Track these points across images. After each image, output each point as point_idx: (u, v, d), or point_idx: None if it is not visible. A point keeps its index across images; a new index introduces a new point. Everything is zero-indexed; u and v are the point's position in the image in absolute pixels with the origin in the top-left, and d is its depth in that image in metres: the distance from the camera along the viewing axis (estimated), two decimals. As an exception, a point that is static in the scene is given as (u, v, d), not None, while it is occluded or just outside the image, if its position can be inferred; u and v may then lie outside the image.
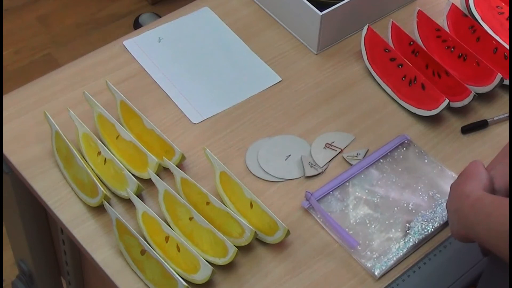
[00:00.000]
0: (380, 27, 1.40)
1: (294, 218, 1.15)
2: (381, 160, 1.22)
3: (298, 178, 1.20)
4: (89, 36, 2.56)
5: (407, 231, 1.13)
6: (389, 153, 1.23)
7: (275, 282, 1.08)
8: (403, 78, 1.30)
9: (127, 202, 1.14)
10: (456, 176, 1.13)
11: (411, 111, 1.29)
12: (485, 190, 0.96)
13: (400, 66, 1.31)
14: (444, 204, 1.15)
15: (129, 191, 1.11)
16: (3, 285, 1.94)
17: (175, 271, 1.05)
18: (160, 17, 1.50)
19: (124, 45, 1.36)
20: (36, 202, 1.19)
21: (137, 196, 1.11)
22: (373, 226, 1.14)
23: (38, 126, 1.23)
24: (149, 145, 1.18)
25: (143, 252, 1.06)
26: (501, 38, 1.37)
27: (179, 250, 1.07)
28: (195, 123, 1.26)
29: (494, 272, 1.01)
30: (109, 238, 1.10)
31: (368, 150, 1.24)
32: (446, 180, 1.19)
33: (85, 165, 1.14)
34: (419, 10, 1.39)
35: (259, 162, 1.21)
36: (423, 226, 1.14)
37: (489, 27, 1.39)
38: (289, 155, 1.22)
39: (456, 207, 0.97)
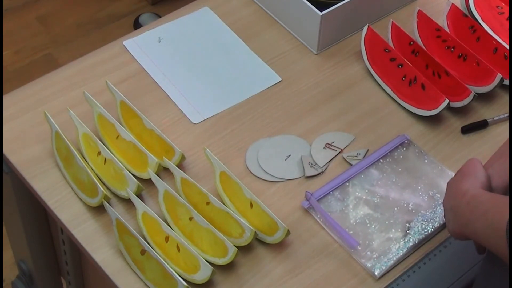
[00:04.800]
0: (380, 27, 1.40)
1: (294, 218, 1.15)
2: (381, 160, 1.22)
3: (298, 178, 1.20)
4: (89, 36, 2.56)
5: (407, 231, 1.13)
6: (389, 153, 1.23)
7: (275, 282, 1.08)
8: (403, 78, 1.30)
9: (127, 202, 1.14)
10: (456, 176, 1.13)
11: (411, 111, 1.29)
12: (482, 188, 0.96)
13: (400, 66, 1.31)
14: (442, 200, 1.15)
15: (129, 191, 1.11)
16: (3, 285, 1.94)
17: (175, 271, 1.05)
18: (160, 17, 1.50)
19: (124, 45, 1.36)
20: (36, 202, 1.19)
21: (137, 196, 1.11)
22: (373, 226, 1.14)
23: (38, 126, 1.23)
24: (149, 145, 1.18)
25: (143, 252, 1.06)
26: (501, 38, 1.37)
27: (179, 250, 1.07)
28: (195, 123, 1.26)
29: (490, 271, 1.01)
30: (109, 238, 1.10)
31: (368, 150, 1.24)
32: (446, 180, 1.18)
33: (85, 165, 1.14)
34: (419, 10, 1.39)
35: (259, 162, 1.21)
36: (423, 226, 1.14)
37: (489, 27, 1.39)
38: (289, 155, 1.22)
39: (453, 205, 0.97)
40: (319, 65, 1.36)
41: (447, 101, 1.25)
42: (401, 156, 1.23)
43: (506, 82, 1.31)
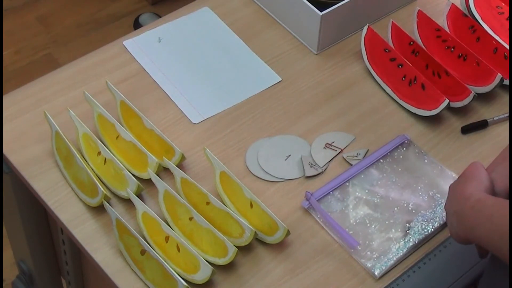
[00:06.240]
0: (380, 27, 1.40)
1: (294, 218, 1.15)
2: (381, 160, 1.22)
3: (298, 178, 1.20)
4: (89, 36, 2.56)
5: (407, 231, 1.13)
6: (389, 153, 1.23)
7: (275, 282, 1.08)
8: (403, 78, 1.30)
9: (127, 202, 1.14)
10: (456, 176, 1.13)
11: (411, 111, 1.29)
12: (485, 192, 0.95)
13: (400, 66, 1.31)
14: (444, 204, 1.15)
15: (129, 191, 1.11)
16: (3, 285, 1.94)
17: (175, 271, 1.05)
18: (160, 17, 1.50)
19: (124, 45, 1.36)
20: (36, 202, 1.19)
21: (137, 196, 1.11)
22: (373, 226, 1.14)
23: (38, 126, 1.23)
24: (149, 145, 1.18)
25: (143, 252, 1.06)
26: (501, 38, 1.37)
27: (179, 250, 1.07)
28: (195, 123, 1.26)
29: (495, 272, 1.01)
30: (109, 238, 1.10)
31: (368, 150, 1.24)
32: (446, 180, 1.19)
33: (85, 165, 1.14)
34: (419, 10, 1.39)
35: (259, 162, 1.21)
36: (423, 226, 1.14)
37: (489, 27, 1.39)
38: (289, 155, 1.22)
39: (456, 209, 0.97)
40: (319, 65, 1.36)
41: (447, 101, 1.25)
42: (401, 156, 1.23)
43: (506, 82, 1.31)
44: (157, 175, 1.14)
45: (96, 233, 1.11)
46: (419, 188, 1.19)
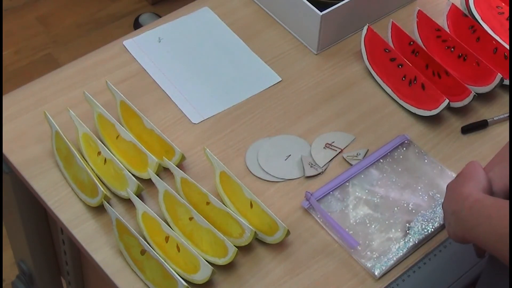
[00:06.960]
0: (380, 27, 1.40)
1: (294, 218, 1.15)
2: (381, 160, 1.22)
3: (298, 178, 1.20)
4: (89, 36, 2.56)
5: (407, 231, 1.13)
6: (389, 153, 1.23)
7: (275, 282, 1.08)
8: (403, 78, 1.30)
9: (127, 202, 1.14)
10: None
11: (411, 111, 1.29)
12: (483, 192, 0.95)
13: (400, 66, 1.31)
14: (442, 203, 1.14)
15: (129, 191, 1.11)
16: (3, 285, 1.94)
17: (175, 271, 1.05)
18: (160, 17, 1.50)
19: (124, 45, 1.36)
20: (36, 202, 1.19)
21: (137, 196, 1.11)
22: (373, 226, 1.14)
23: (38, 126, 1.23)
24: (149, 145, 1.18)
25: (143, 252, 1.06)
26: (501, 38, 1.37)
27: (179, 250, 1.07)
28: (195, 123, 1.26)
29: (493, 272, 1.01)
30: (109, 238, 1.10)
31: (368, 150, 1.24)
32: (446, 180, 1.19)
33: (85, 165, 1.14)
34: (419, 10, 1.39)
35: (259, 162, 1.21)
36: (423, 226, 1.14)
37: (489, 27, 1.39)
38: (289, 155, 1.22)
39: (455, 209, 0.96)
40: (319, 65, 1.36)
41: (447, 101, 1.25)
42: (401, 156, 1.23)
43: (506, 82, 1.31)
44: (157, 175, 1.14)
45: (96, 233, 1.11)
46: (419, 188, 1.19)
